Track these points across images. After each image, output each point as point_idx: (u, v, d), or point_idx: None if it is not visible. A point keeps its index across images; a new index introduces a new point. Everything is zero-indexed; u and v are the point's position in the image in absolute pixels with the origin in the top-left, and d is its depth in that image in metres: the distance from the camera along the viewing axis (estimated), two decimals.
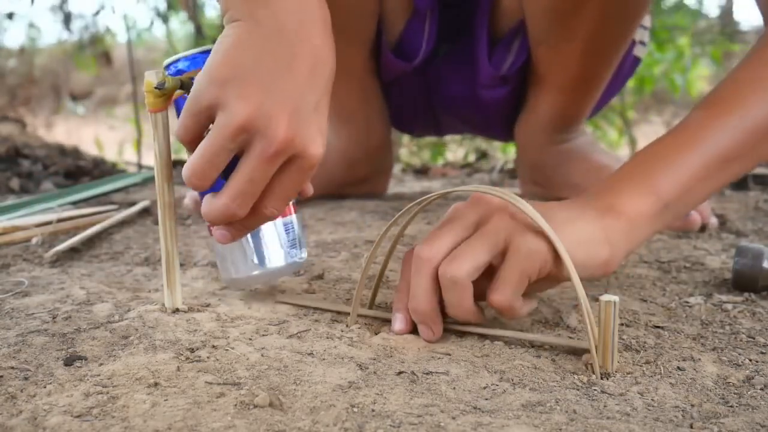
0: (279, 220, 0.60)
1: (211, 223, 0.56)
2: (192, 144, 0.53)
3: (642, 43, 1.09)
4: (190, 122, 0.53)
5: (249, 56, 0.51)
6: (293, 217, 0.61)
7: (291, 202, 0.61)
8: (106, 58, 2.75)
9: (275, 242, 0.60)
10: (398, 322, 0.55)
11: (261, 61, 0.51)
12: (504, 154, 2.32)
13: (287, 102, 0.51)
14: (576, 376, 0.48)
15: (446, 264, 0.51)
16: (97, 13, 2.66)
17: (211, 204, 0.53)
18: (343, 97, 1.11)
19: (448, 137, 2.45)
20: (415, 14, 1.04)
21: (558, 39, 0.98)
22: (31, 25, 3.14)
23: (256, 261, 0.60)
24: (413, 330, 0.55)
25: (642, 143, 2.75)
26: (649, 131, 2.92)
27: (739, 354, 0.52)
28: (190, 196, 1.02)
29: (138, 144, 2.36)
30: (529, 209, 0.50)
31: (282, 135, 0.50)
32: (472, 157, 2.34)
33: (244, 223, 0.56)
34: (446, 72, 1.10)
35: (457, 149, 2.50)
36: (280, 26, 0.52)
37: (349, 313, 0.58)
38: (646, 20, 1.09)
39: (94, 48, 2.67)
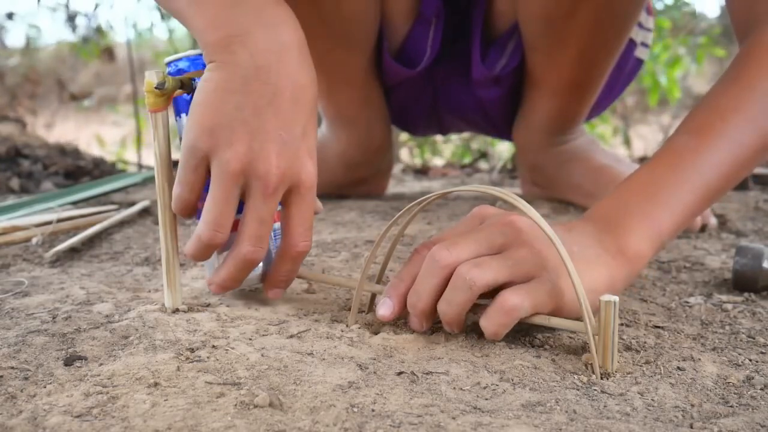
0: None
1: (236, 280, 0.58)
2: (195, 203, 0.56)
3: (644, 44, 1.09)
4: (193, 177, 0.55)
5: (232, 101, 0.53)
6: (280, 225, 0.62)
7: (279, 209, 0.62)
8: (108, 53, 2.74)
9: None
10: (386, 308, 0.55)
11: (244, 103, 0.53)
12: (493, 147, 2.32)
13: (275, 138, 0.54)
14: (576, 376, 0.48)
15: (470, 267, 0.51)
16: (96, 7, 2.67)
17: (233, 262, 0.56)
18: (343, 102, 1.11)
19: (439, 137, 2.45)
20: (419, 20, 1.03)
21: (551, 44, 0.98)
22: (32, 26, 3.15)
23: None
24: (397, 319, 0.56)
25: (637, 144, 2.74)
26: (647, 132, 2.92)
27: (739, 354, 0.52)
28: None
29: (138, 141, 2.36)
30: (530, 210, 0.50)
31: (275, 172, 0.54)
32: (468, 158, 2.34)
33: (293, 270, 0.59)
34: (448, 74, 1.10)
35: (455, 149, 2.50)
36: (258, 64, 0.54)
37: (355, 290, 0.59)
38: (649, 22, 1.09)
39: (97, 42, 2.67)
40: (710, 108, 0.62)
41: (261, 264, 0.61)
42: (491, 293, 0.51)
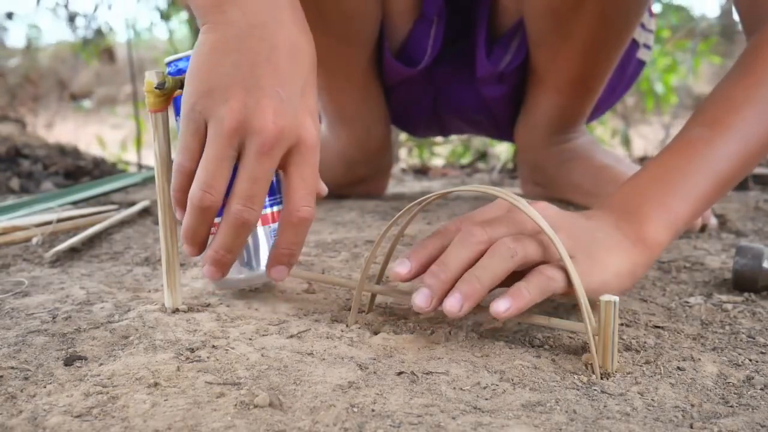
0: (268, 226, 0.60)
1: (229, 248, 0.55)
2: (195, 171, 0.53)
3: (646, 46, 1.09)
4: (193, 143, 0.53)
5: (227, 60, 0.52)
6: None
7: (279, 209, 0.61)
8: (109, 54, 2.75)
9: (263, 248, 0.60)
10: (404, 267, 0.53)
11: (240, 61, 0.52)
12: (493, 147, 2.32)
13: (271, 95, 0.52)
14: (576, 376, 0.48)
15: (512, 240, 0.51)
16: (96, 8, 2.67)
17: (224, 225, 0.54)
18: (343, 100, 1.11)
19: (439, 138, 2.45)
20: (421, 19, 1.03)
21: (556, 40, 0.98)
22: (32, 26, 3.15)
23: (244, 264, 0.60)
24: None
25: (638, 144, 2.75)
26: (648, 132, 2.92)
27: (739, 354, 0.52)
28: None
29: (138, 142, 2.36)
30: (530, 210, 0.50)
31: (271, 128, 0.51)
32: (467, 158, 2.35)
33: (296, 243, 0.56)
34: (450, 74, 1.10)
35: (454, 149, 2.50)
36: (252, 22, 0.53)
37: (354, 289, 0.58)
38: (651, 23, 1.09)
39: (98, 43, 2.68)
40: (721, 101, 0.64)
41: (247, 269, 0.60)
42: (506, 283, 0.51)
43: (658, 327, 0.58)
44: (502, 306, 0.49)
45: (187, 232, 0.55)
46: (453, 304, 0.49)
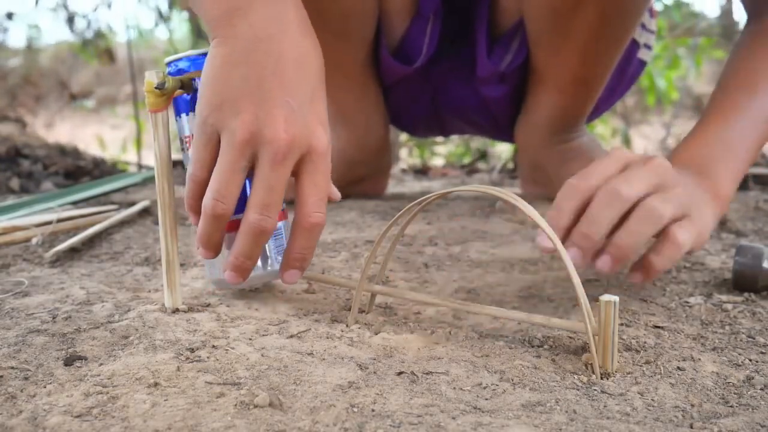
0: None
1: (249, 255, 0.56)
2: (207, 181, 0.54)
3: (647, 46, 1.09)
4: (204, 154, 0.54)
5: (237, 73, 0.53)
6: (282, 224, 0.61)
7: (282, 208, 0.61)
8: (109, 55, 2.75)
9: (264, 248, 0.60)
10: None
11: (248, 74, 0.53)
12: (493, 147, 2.32)
13: (281, 104, 0.53)
14: (576, 376, 0.48)
15: (660, 201, 0.56)
16: (96, 9, 2.68)
17: (241, 235, 0.55)
18: (341, 98, 1.11)
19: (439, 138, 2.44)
20: (418, 17, 1.03)
21: (556, 39, 0.98)
22: (32, 26, 3.15)
23: None
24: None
25: (638, 144, 2.74)
26: (649, 131, 2.92)
27: (739, 354, 0.52)
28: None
29: (138, 143, 2.36)
30: (530, 209, 0.50)
31: (283, 137, 0.53)
32: (469, 157, 2.35)
33: (308, 247, 0.57)
34: (449, 74, 1.10)
35: (454, 149, 2.50)
36: (259, 35, 0.54)
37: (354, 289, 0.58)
38: (652, 24, 1.09)
39: (97, 44, 2.68)
40: (749, 70, 0.73)
41: (260, 263, 0.61)
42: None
43: (658, 327, 0.58)
44: (638, 278, 0.59)
45: (202, 237, 0.56)
46: (605, 265, 0.57)
